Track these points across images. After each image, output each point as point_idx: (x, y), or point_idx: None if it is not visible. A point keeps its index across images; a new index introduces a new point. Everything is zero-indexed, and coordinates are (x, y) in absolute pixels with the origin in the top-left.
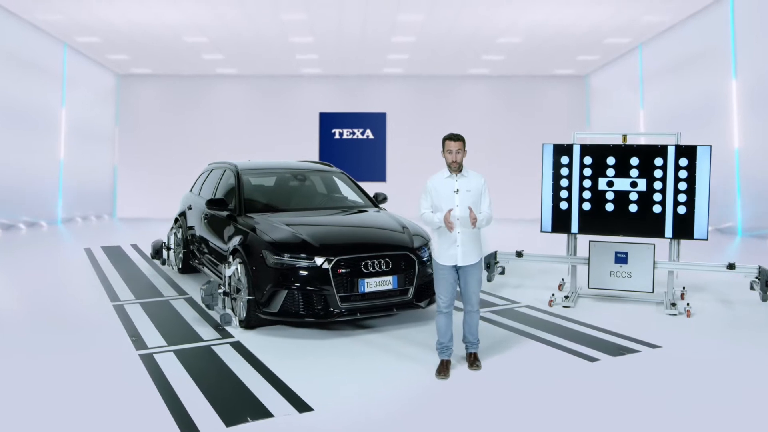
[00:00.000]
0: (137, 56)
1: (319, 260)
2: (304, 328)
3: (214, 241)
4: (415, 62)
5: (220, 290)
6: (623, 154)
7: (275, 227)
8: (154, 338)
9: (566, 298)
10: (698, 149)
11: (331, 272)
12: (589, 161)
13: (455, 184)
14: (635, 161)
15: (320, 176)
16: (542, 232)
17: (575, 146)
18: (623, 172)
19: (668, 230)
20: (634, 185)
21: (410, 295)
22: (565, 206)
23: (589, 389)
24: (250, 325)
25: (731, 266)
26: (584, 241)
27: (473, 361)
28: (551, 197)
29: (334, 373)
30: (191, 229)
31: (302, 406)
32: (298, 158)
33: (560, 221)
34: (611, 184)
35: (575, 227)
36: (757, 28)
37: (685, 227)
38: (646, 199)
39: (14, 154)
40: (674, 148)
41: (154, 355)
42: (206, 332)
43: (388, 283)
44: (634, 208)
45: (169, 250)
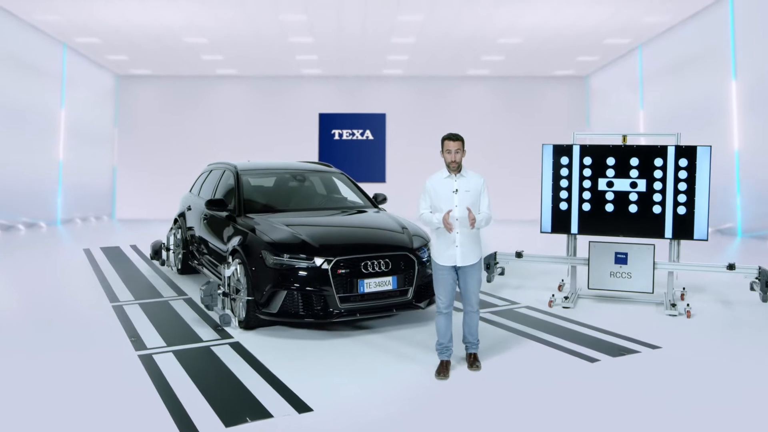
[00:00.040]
0: (136, 57)
1: (318, 261)
2: (303, 328)
3: (213, 241)
4: (414, 63)
5: (219, 291)
6: (623, 154)
7: (275, 228)
8: (153, 339)
9: (566, 298)
10: (698, 149)
11: (330, 273)
12: (588, 162)
13: (454, 184)
14: (635, 162)
15: (319, 177)
16: (542, 232)
17: (575, 147)
18: (623, 172)
19: (668, 231)
20: (633, 186)
21: (410, 295)
22: (564, 207)
23: (589, 390)
24: (249, 325)
25: (731, 267)
26: (584, 241)
27: (473, 361)
28: (551, 198)
29: (333, 373)
30: (190, 229)
31: (301, 406)
32: (297, 159)
33: (560, 222)
34: (611, 184)
35: (575, 228)
36: (756, 28)
37: (685, 228)
38: (645, 199)
39: (13, 154)
40: (674, 148)
41: (153, 355)
42: (205, 333)
43: (387, 283)
44: (634, 208)
45: (168, 250)
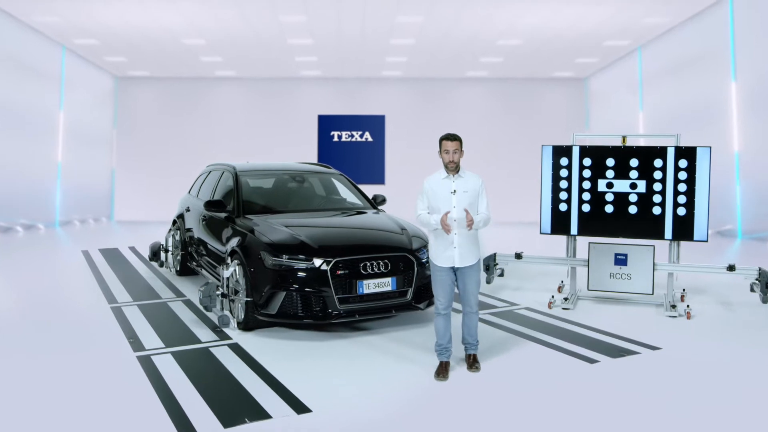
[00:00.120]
0: (135, 59)
1: (317, 261)
2: (302, 329)
3: (212, 242)
4: (413, 65)
5: (218, 292)
6: (623, 155)
7: (274, 228)
8: (151, 340)
9: (566, 300)
10: (698, 150)
11: (329, 273)
12: (588, 163)
13: (452, 185)
14: (635, 163)
15: (319, 178)
16: (541, 233)
17: (574, 147)
18: (623, 173)
19: (668, 232)
20: (633, 187)
21: (409, 296)
22: (564, 208)
23: (588, 391)
24: (248, 326)
25: (731, 268)
26: (584, 242)
27: (472, 362)
28: (550, 199)
29: (332, 374)
30: (189, 231)
31: (300, 407)
32: (296, 161)
33: (560, 223)
34: (611, 185)
35: (575, 229)
36: (756, 29)
37: (684, 229)
38: (645, 200)
39: (12, 156)
40: (674, 149)
41: (151, 356)
42: (204, 334)
43: (386, 284)
44: (633, 209)
45: (167, 252)
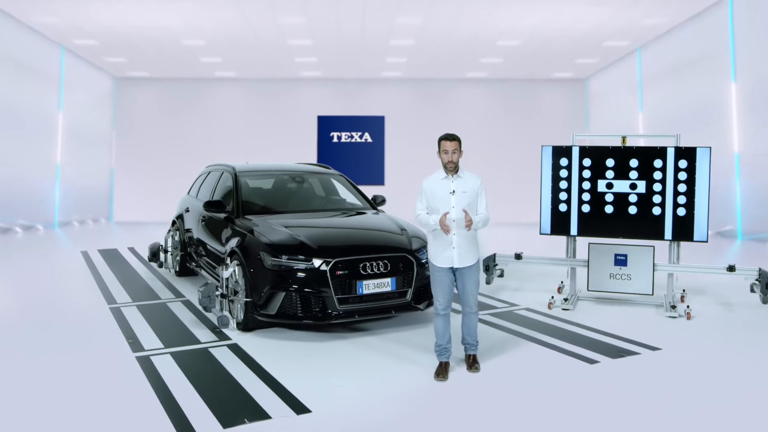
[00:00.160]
0: (134, 59)
1: (317, 262)
2: (301, 330)
3: (211, 243)
4: (413, 65)
5: (217, 292)
6: (622, 155)
7: (273, 229)
8: (150, 341)
9: (565, 300)
10: (698, 150)
11: (329, 274)
12: (588, 163)
13: (451, 185)
14: (634, 163)
15: (318, 178)
16: (541, 234)
17: (574, 148)
18: (623, 173)
19: (668, 232)
20: (633, 187)
21: (409, 297)
22: (564, 208)
23: (588, 391)
24: (247, 327)
25: (731, 268)
26: (583, 243)
27: (472, 363)
28: (550, 199)
29: (331, 375)
30: (188, 231)
31: (299, 407)
32: (296, 162)
33: (559, 223)
34: (610, 186)
35: (574, 229)
36: (756, 30)
37: (684, 229)
38: (645, 201)
39: (11, 157)
40: (674, 149)
41: (150, 357)
42: (203, 334)
43: (386, 285)
44: (633, 210)
45: (166, 252)
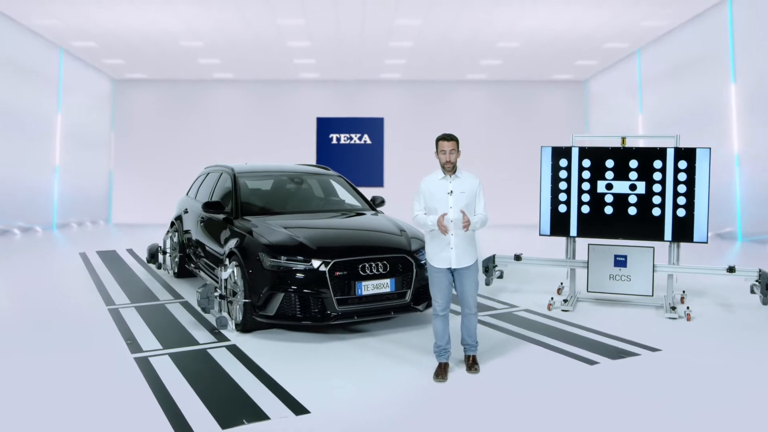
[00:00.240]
0: (133, 61)
1: (316, 263)
2: (300, 331)
3: (210, 244)
4: (412, 67)
5: (216, 293)
6: (622, 156)
7: (272, 230)
8: (149, 342)
9: (565, 301)
10: (697, 151)
11: (328, 275)
12: (588, 164)
13: (449, 185)
14: (634, 164)
15: (317, 179)
16: (541, 235)
17: (574, 149)
18: (622, 174)
19: (668, 233)
20: (633, 188)
21: (408, 298)
22: (563, 209)
23: (588, 392)
24: (246, 328)
25: (731, 269)
26: (583, 244)
27: (472, 364)
28: (550, 200)
29: (330, 376)
30: (187, 232)
31: (298, 408)
32: (295, 163)
33: (559, 224)
34: (610, 186)
35: (574, 230)
36: (755, 31)
37: (684, 230)
38: (645, 201)
39: (10, 158)
40: (673, 150)
41: (149, 358)
42: (202, 336)
43: (385, 286)
44: (633, 211)
45: (164, 253)
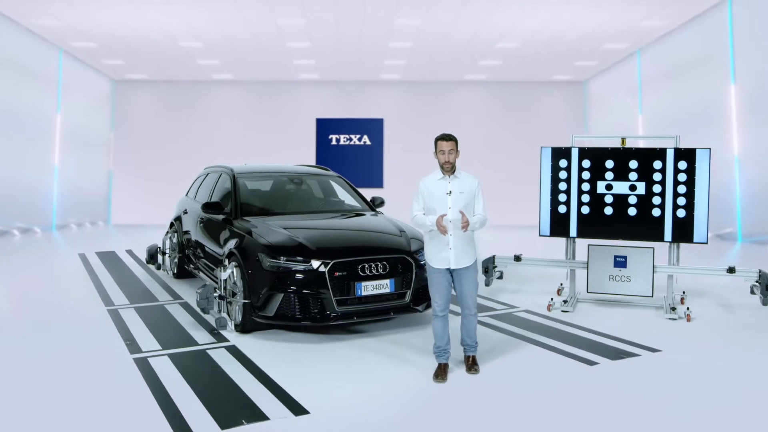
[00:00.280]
0: (133, 62)
1: (315, 263)
2: (300, 331)
3: (209, 245)
4: (412, 68)
5: (215, 294)
6: (622, 157)
7: (271, 230)
8: (148, 342)
9: (565, 302)
10: (697, 152)
11: (327, 275)
12: (587, 164)
13: (448, 185)
14: (634, 164)
15: (317, 180)
16: (540, 236)
17: (574, 149)
18: (622, 175)
19: (668, 234)
20: (633, 188)
21: (407, 298)
22: (563, 210)
23: (588, 393)
24: (245, 328)
25: (731, 270)
26: (583, 245)
27: (471, 364)
28: (549, 201)
29: (330, 376)
30: (187, 233)
31: (298, 409)
32: (294, 164)
33: (559, 225)
34: (610, 187)
35: (574, 231)
36: (755, 31)
37: (684, 230)
38: (645, 202)
39: (9, 159)
40: (673, 151)
41: (148, 358)
42: (201, 336)
43: (385, 286)
44: (633, 211)
45: (164, 254)
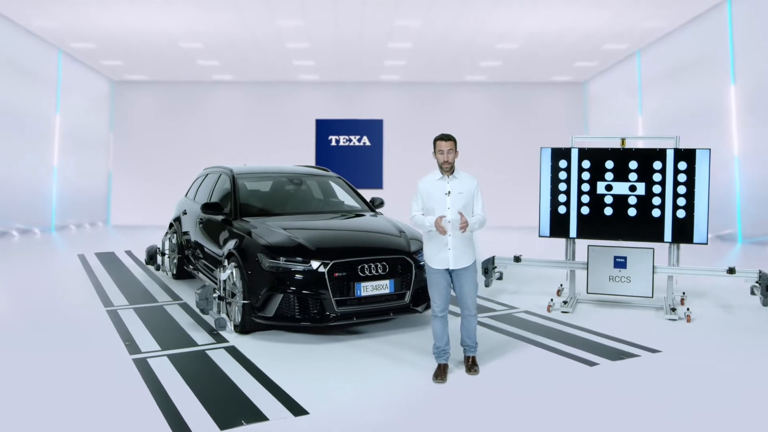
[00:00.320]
0: (132, 62)
1: (315, 264)
2: (299, 332)
3: (209, 245)
4: (411, 68)
5: (215, 295)
6: (622, 157)
7: (271, 231)
8: (147, 343)
9: (565, 303)
10: (697, 152)
11: (327, 276)
12: (587, 165)
13: (447, 186)
14: (634, 165)
15: (316, 180)
16: (540, 236)
17: (573, 150)
18: (622, 175)
19: (667, 234)
20: (632, 189)
21: (407, 299)
22: (563, 210)
23: (588, 394)
24: (245, 329)
25: (731, 270)
26: (583, 245)
27: (471, 365)
28: (549, 201)
29: (329, 377)
30: (186, 234)
31: (297, 409)
32: (294, 165)
33: (558, 226)
34: (610, 188)
35: (574, 232)
36: (755, 32)
37: (684, 231)
38: (645, 203)
39: (8, 160)
40: (673, 151)
41: (147, 359)
42: (201, 337)
43: (384, 287)
44: (633, 212)
45: (163, 255)
